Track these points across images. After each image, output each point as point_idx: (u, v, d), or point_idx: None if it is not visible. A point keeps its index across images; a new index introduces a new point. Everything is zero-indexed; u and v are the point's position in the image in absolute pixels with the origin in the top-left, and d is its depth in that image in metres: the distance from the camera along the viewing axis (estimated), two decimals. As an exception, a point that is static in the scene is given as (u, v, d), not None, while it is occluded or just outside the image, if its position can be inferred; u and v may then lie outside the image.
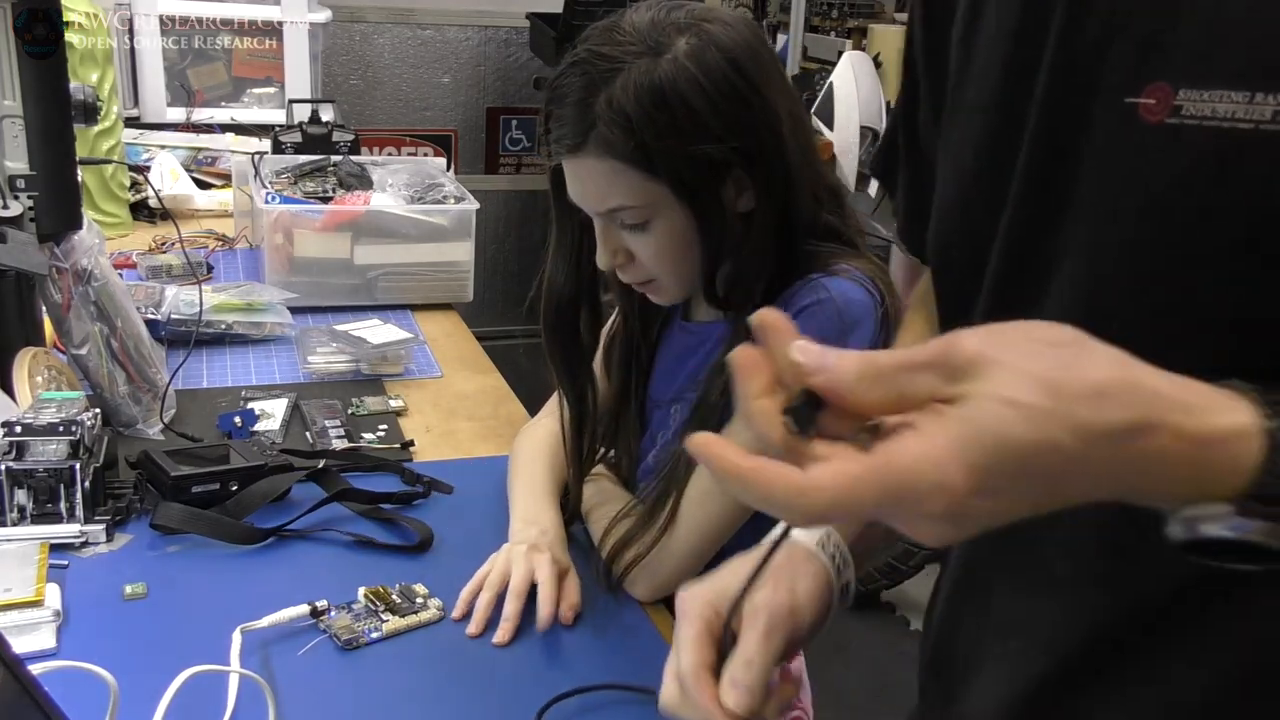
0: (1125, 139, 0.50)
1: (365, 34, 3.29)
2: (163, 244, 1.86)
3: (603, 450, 1.13)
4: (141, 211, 2.08)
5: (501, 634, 0.94)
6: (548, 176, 1.02)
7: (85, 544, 1.02)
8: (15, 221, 1.19)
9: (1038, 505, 0.42)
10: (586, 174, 0.95)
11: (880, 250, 1.04)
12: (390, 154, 3.23)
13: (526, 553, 1.00)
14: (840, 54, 2.90)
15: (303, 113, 2.11)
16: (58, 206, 1.24)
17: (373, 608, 0.96)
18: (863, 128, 2.77)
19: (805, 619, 0.66)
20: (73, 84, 1.26)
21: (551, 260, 1.07)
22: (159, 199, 1.97)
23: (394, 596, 0.97)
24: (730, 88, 0.91)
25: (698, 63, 0.91)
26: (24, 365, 1.19)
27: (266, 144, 2.11)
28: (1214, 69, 0.47)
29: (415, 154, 3.34)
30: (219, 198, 2.16)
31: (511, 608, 0.96)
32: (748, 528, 1.02)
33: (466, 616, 0.97)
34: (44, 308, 1.27)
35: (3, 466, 1.00)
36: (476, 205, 1.77)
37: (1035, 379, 0.40)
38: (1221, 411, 0.42)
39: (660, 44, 0.91)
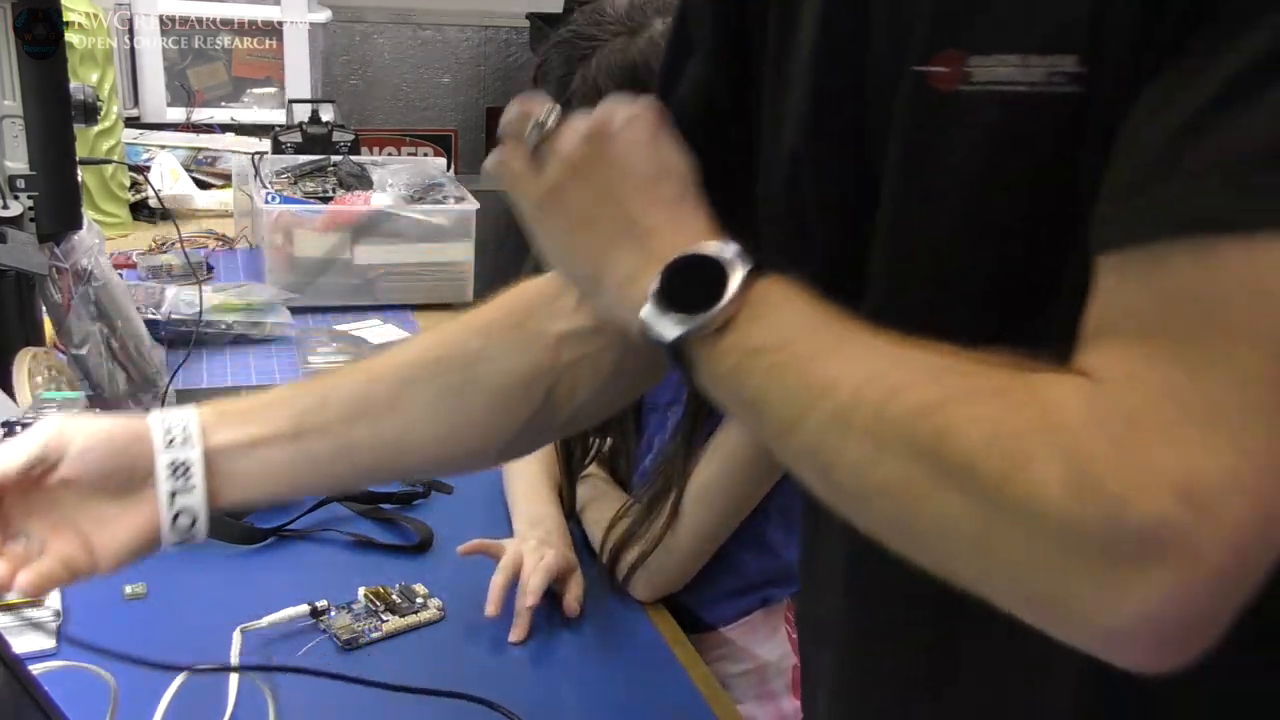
0: (921, 110, 0.50)
1: (365, 34, 3.29)
2: (163, 244, 1.86)
3: (595, 447, 1.13)
4: (141, 211, 2.08)
5: (517, 631, 0.94)
6: None
7: (85, 544, 1.02)
8: (15, 221, 1.19)
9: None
10: None
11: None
12: (390, 154, 3.23)
13: (536, 547, 1.00)
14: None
15: (303, 113, 2.11)
16: (58, 206, 1.24)
17: (373, 608, 0.96)
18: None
19: (65, 445, 0.65)
20: (73, 84, 1.26)
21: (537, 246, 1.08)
22: (159, 199, 1.96)
23: (394, 596, 0.97)
24: None
25: None
26: (24, 365, 1.19)
27: (266, 144, 2.11)
28: (995, 35, 0.47)
29: (415, 154, 3.33)
30: (219, 198, 2.16)
31: (523, 603, 0.96)
32: (748, 526, 1.03)
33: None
34: (44, 308, 1.27)
35: (3, 466, 1.00)
36: (476, 205, 1.77)
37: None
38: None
39: (638, 24, 0.94)
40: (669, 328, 0.50)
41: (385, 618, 0.95)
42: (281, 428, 0.68)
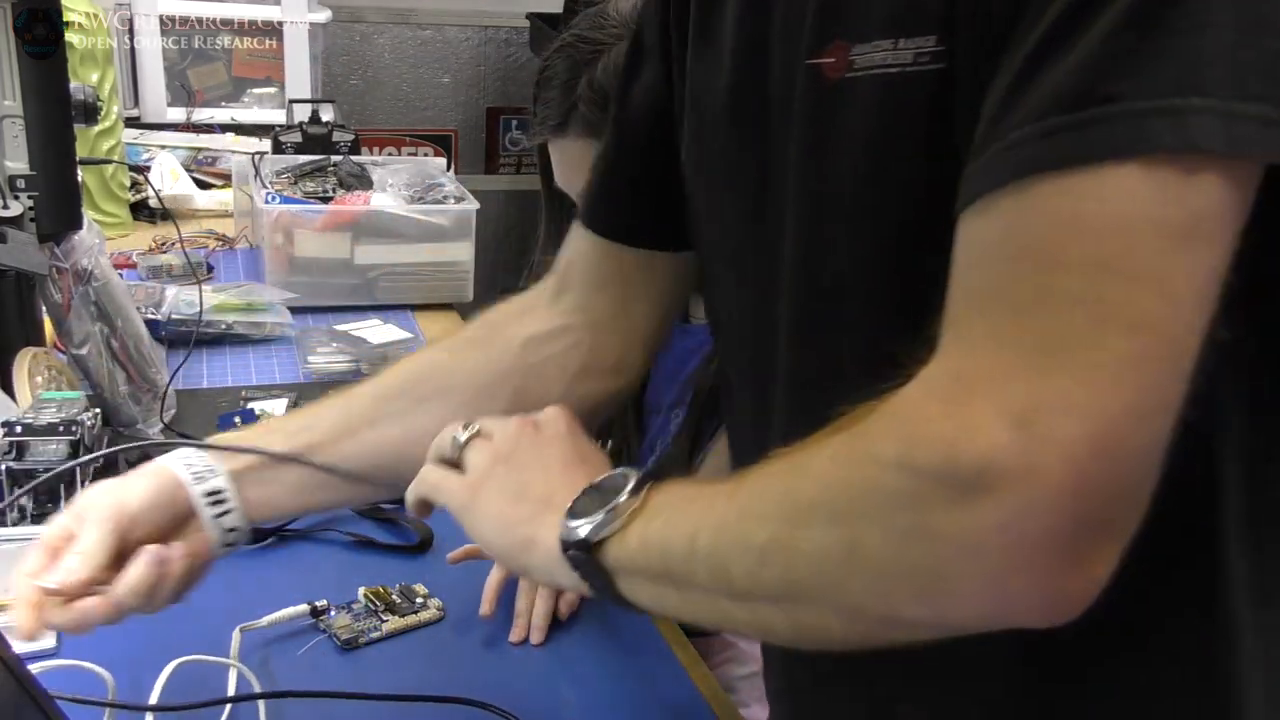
0: (815, 100, 0.54)
1: (365, 34, 3.28)
2: (163, 244, 1.86)
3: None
4: (141, 211, 2.07)
5: (517, 631, 0.94)
6: (536, 160, 1.03)
7: (85, 544, 1.02)
8: (15, 221, 1.19)
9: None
10: (569, 155, 0.96)
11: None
12: (390, 154, 3.23)
13: None
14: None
15: (303, 113, 2.11)
16: (58, 206, 1.24)
17: (373, 608, 0.96)
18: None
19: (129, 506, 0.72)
20: (73, 84, 1.26)
21: (541, 245, 1.08)
22: (159, 199, 1.96)
23: (394, 596, 0.97)
24: None
25: None
26: (24, 365, 1.19)
27: (266, 144, 2.11)
28: (869, 24, 0.51)
29: (415, 154, 3.33)
30: (219, 198, 2.16)
31: (521, 604, 0.96)
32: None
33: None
34: (44, 308, 1.27)
35: (3, 466, 1.00)
36: (476, 205, 1.77)
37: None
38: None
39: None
40: (582, 529, 0.58)
41: (385, 618, 0.95)
42: (281, 450, 0.76)
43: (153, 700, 0.79)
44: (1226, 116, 0.40)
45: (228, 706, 0.82)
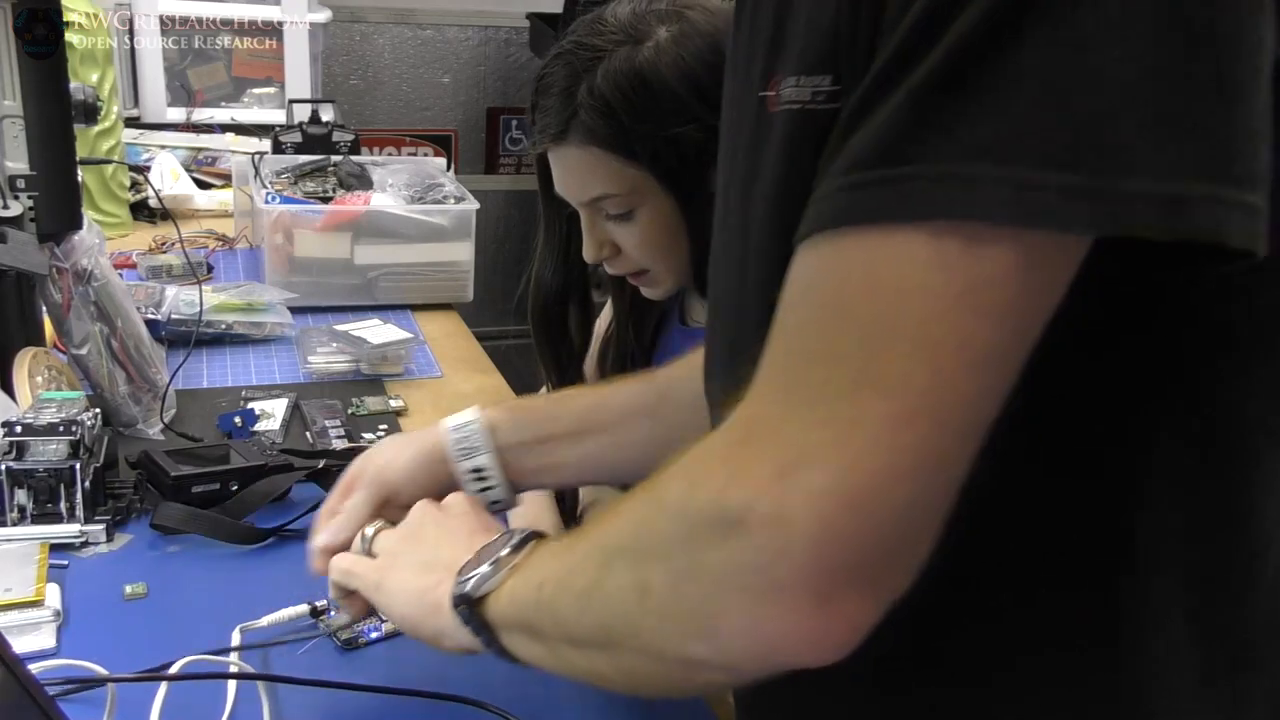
0: (754, 130, 0.54)
1: (365, 34, 3.28)
2: (163, 244, 1.86)
3: None
4: (141, 211, 2.08)
5: None
6: (535, 168, 1.03)
7: (85, 544, 1.02)
8: (15, 221, 1.19)
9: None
10: (569, 164, 0.96)
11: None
12: (390, 154, 3.23)
13: None
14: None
15: (303, 113, 2.11)
16: (58, 206, 1.24)
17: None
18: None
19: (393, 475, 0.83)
20: (73, 84, 1.26)
21: (539, 255, 1.07)
22: (159, 199, 1.97)
23: (394, 596, 0.97)
24: (711, 69, 0.91)
25: (678, 46, 0.92)
26: (24, 365, 1.19)
27: (266, 144, 2.11)
28: (788, 59, 0.50)
29: (415, 154, 3.33)
30: (219, 198, 2.16)
31: None
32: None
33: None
34: (44, 308, 1.27)
35: (3, 466, 1.00)
36: (476, 205, 1.77)
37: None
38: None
39: (641, 32, 0.92)
40: (466, 585, 0.63)
41: (385, 618, 0.95)
42: (567, 427, 0.83)
43: (155, 702, 0.79)
44: (1020, 187, 0.39)
45: (228, 706, 0.82)
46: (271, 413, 1.31)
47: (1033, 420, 0.46)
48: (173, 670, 0.81)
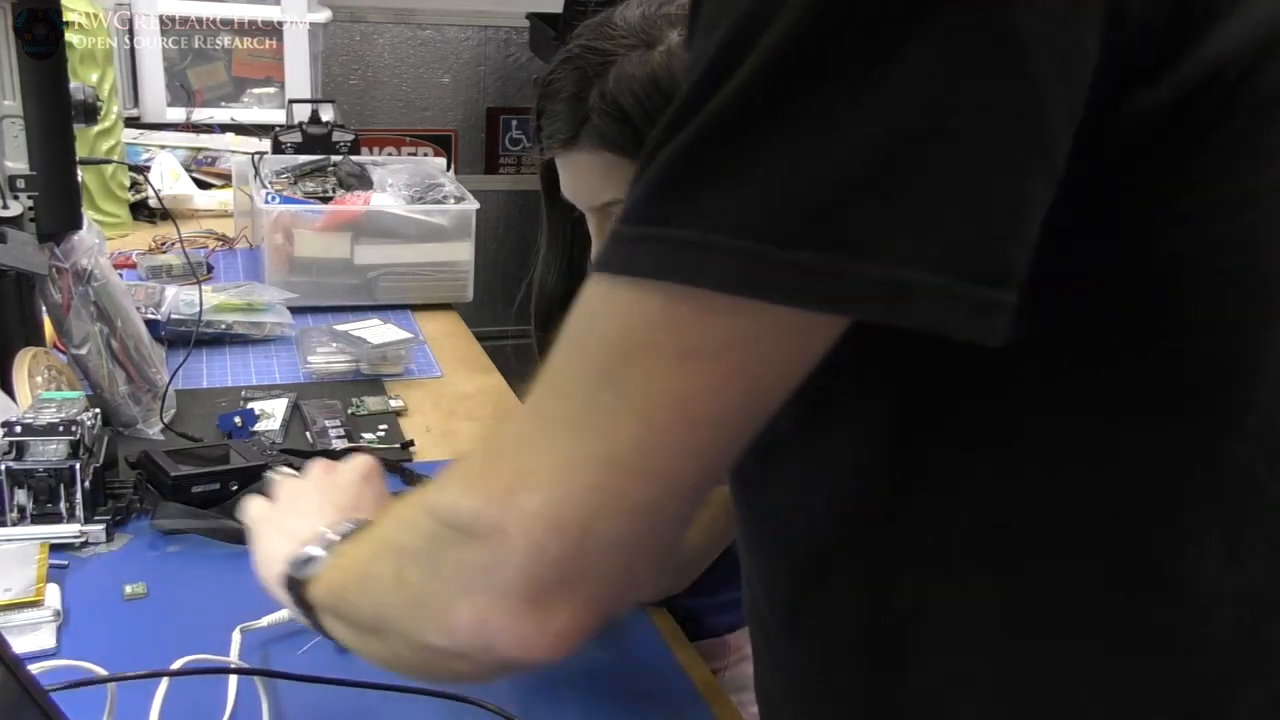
0: None
1: (365, 34, 3.28)
2: (163, 244, 1.86)
3: None
4: (141, 211, 2.07)
5: None
6: (539, 174, 1.02)
7: (85, 544, 1.02)
8: (15, 221, 1.19)
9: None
10: (580, 168, 0.95)
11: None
12: (390, 154, 3.23)
13: None
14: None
15: (303, 113, 2.11)
16: (58, 206, 1.24)
17: (373, 608, 0.96)
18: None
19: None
20: (73, 84, 1.26)
21: (542, 260, 1.07)
22: (159, 199, 1.96)
23: (394, 596, 0.97)
24: None
25: None
26: (24, 365, 1.19)
27: (266, 144, 2.11)
28: None
29: (415, 154, 3.33)
30: (219, 198, 2.16)
31: None
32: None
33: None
34: (44, 308, 1.27)
35: (3, 466, 1.00)
36: (476, 205, 1.77)
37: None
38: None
39: (653, 36, 0.91)
40: (292, 567, 0.67)
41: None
42: None
43: (155, 703, 0.79)
44: (750, 259, 0.40)
45: (229, 706, 0.82)
46: (271, 413, 1.31)
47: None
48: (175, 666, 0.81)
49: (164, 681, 0.79)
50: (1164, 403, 0.47)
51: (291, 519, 0.74)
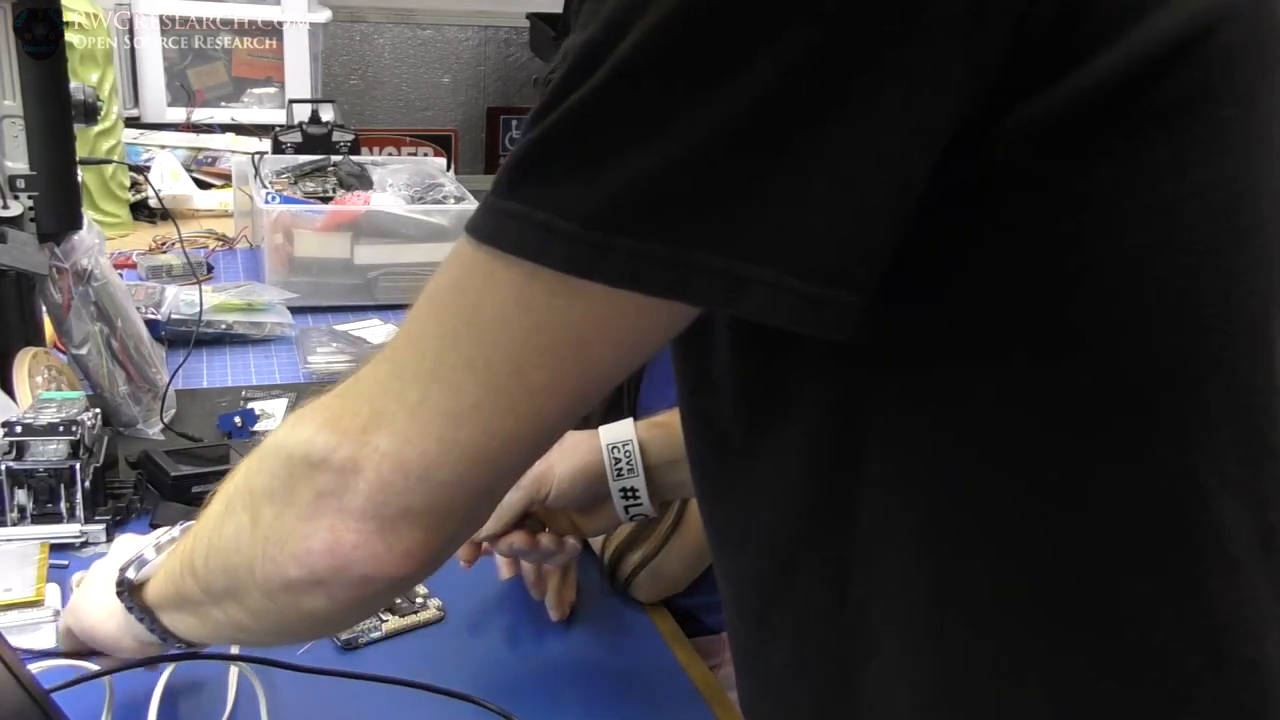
0: None
1: (365, 34, 3.29)
2: (163, 244, 1.86)
3: None
4: (141, 211, 2.07)
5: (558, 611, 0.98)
6: None
7: (85, 544, 1.02)
8: (15, 221, 1.19)
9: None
10: None
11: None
12: (390, 154, 3.23)
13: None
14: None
15: (303, 113, 2.11)
16: (58, 206, 1.24)
17: (373, 608, 0.96)
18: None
19: (550, 483, 0.89)
20: (73, 84, 1.26)
21: None
22: (159, 199, 1.96)
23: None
24: None
25: None
26: (24, 365, 1.19)
27: (266, 144, 2.11)
28: None
29: (415, 154, 3.34)
30: (219, 198, 2.16)
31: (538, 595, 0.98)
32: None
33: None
34: (44, 308, 1.27)
35: (3, 466, 1.00)
36: (476, 205, 1.77)
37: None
38: None
39: None
40: (128, 570, 0.69)
41: (385, 617, 0.95)
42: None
43: (154, 702, 0.79)
44: (599, 247, 0.43)
45: (229, 705, 0.82)
46: (272, 413, 1.31)
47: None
48: (168, 671, 0.81)
49: (162, 677, 0.79)
50: (1101, 407, 0.48)
51: (94, 583, 0.77)
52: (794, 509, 0.54)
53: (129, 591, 0.69)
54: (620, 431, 0.88)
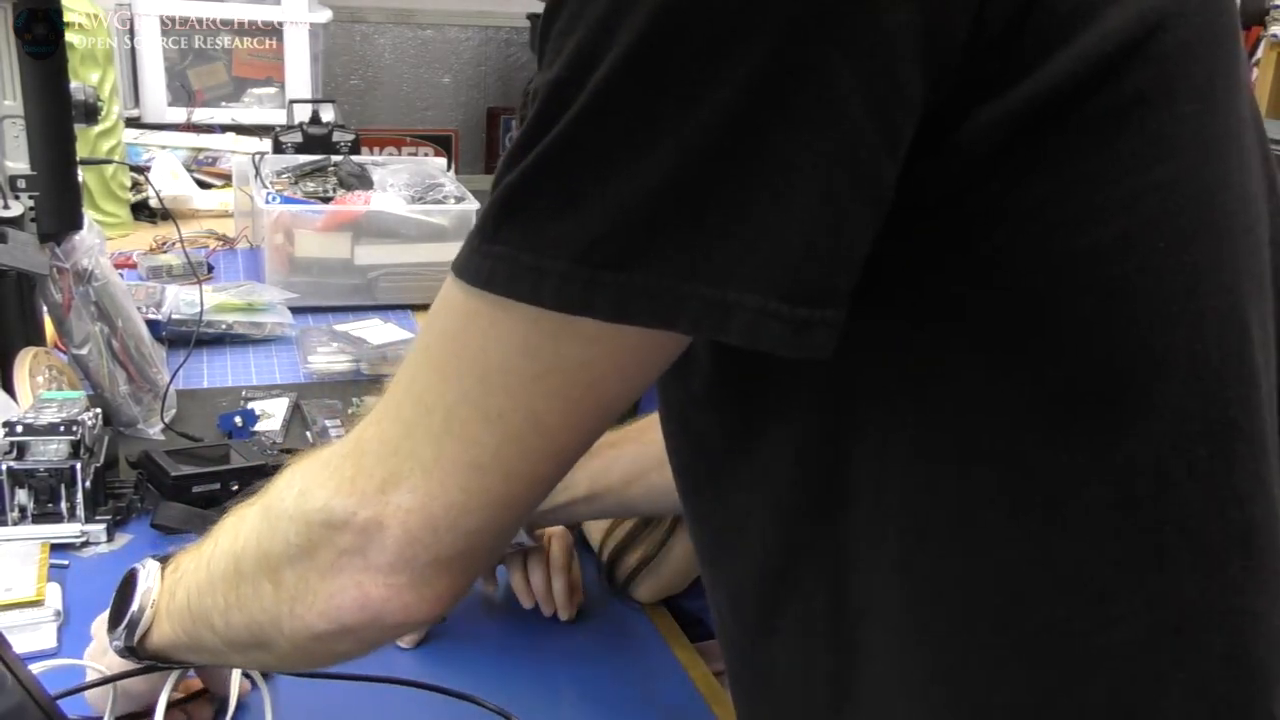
0: None
1: (365, 34, 3.29)
2: (163, 244, 1.86)
3: None
4: (142, 211, 2.08)
5: (546, 607, 0.98)
6: None
7: (86, 544, 1.02)
8: (16, 221, 1.19)
9: None
10: None
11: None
12: (390, 154, 3.23)
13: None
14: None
15: (303, 113, 2.11)
16: (58, 206, 1.24)
17: (373, 607, 0.96)
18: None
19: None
20: (73, 84, 1.26)
21: None
22: (159, 199, 1.97)
23: (394, 596, 0.97)
24: None
25: None
26: (25, 365, 1.19)
27: (267, 144, 2.11)
28: None
29: (415, 154, 3.34)
30: (219, 198, 2.16)
31: (539, 586, 0.98)
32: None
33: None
34: (44, 308, 1.27)
35: (3, 466, 1.00)
36: (477, 205, 1.77)
37: None
38: None
39: None
40: (119, 638, 0.68)
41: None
42: (581, 492, 0.90)
43: (160, 704, 0.79)
44: (590, 284, 0.43)
45: (233, 705, 0.82)
46: (272, 413, 1.31)
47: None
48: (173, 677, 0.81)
49: (168, 683, 0.79)
50: (1071, 405, 0.48)
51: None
52: (788, 515, 0.55)
53: (131, 651, 0.69)
54: None
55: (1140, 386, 0.48)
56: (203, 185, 2.21)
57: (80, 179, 1.29)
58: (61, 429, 1.02)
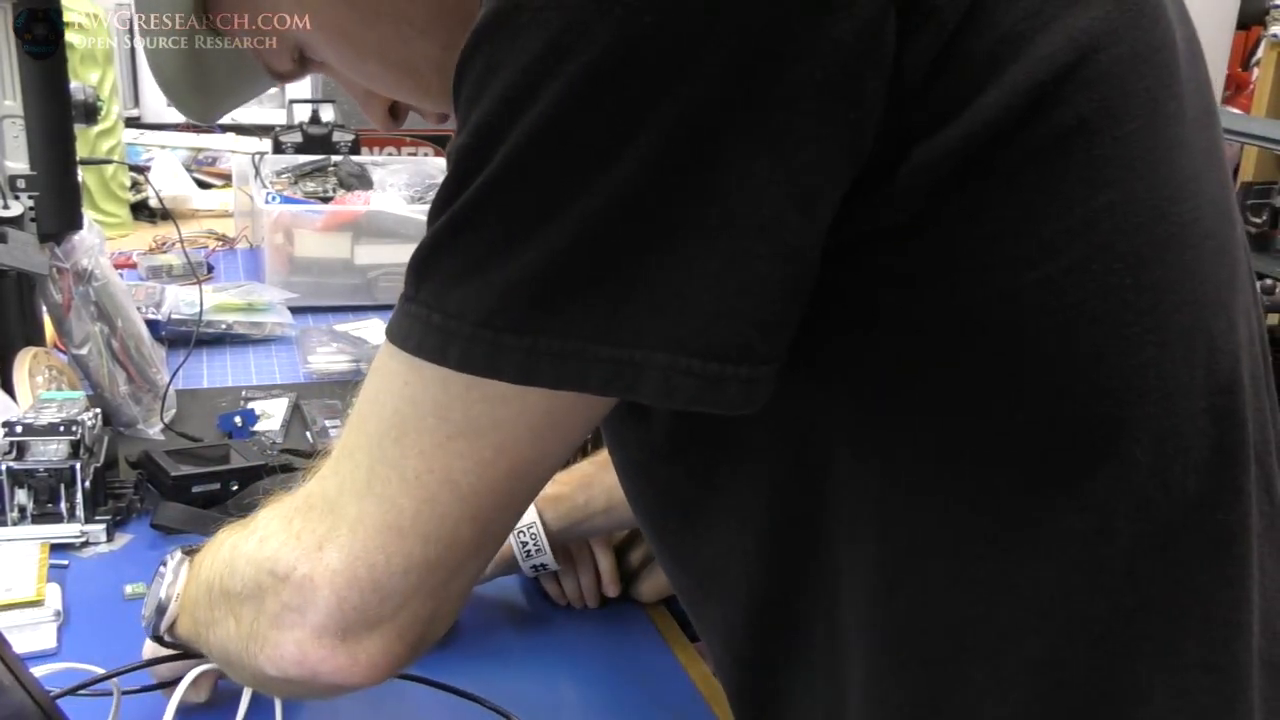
0: None
1: (365, 34, 3.28)
2: (163, 244, 1.86)
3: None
4: (142, 211, 2.08)
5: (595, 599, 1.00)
6: None
7: (86, 544, 1.02)
8: (16, 221, 1.19)
9: None
10: None
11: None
12: (390, 154, 3.23)
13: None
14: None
15: (303, 113, 2.11)
16: (58, 206, 1.24)
17: (373, 607, 0.96)
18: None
19: None
20: (73, 84, 1.26)
21: None
22: (159, 199, 1.97)
23: (394, 596, 0.97)
24: None
25: None
26: (24, 365, 1.19)
27: (267, 144, 2.11)
28: None
29: (415, 154, 3.33)
30: (219, 198, 2.16)
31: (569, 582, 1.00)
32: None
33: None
34: (44, 308, 1.27)
35: (3, 466, 1.00)
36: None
37: None
38: None
39: None
40: (150, 624, 0.70)
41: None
42: (601, 505, 0.92)
43: (171, 706, 0.79)
44: (494, 347, 0.44)
45: (243, 706, 0.82)
46: (272, 413, 1.31)
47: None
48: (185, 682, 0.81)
49: (181, 686, 0.79)
50: (1034, 439, 0.48)
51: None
52: (770, 552, 0.55)
53: (160, 638, 0.71)
54: (523, 516, 0.89)
55: (1110, 413, 0.47)
56: (202, 185, 2.21)
57: (80, 179, 1.29)
58: (61, 429, 1.02)
